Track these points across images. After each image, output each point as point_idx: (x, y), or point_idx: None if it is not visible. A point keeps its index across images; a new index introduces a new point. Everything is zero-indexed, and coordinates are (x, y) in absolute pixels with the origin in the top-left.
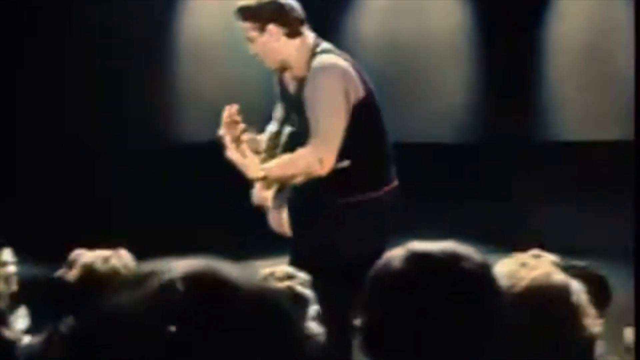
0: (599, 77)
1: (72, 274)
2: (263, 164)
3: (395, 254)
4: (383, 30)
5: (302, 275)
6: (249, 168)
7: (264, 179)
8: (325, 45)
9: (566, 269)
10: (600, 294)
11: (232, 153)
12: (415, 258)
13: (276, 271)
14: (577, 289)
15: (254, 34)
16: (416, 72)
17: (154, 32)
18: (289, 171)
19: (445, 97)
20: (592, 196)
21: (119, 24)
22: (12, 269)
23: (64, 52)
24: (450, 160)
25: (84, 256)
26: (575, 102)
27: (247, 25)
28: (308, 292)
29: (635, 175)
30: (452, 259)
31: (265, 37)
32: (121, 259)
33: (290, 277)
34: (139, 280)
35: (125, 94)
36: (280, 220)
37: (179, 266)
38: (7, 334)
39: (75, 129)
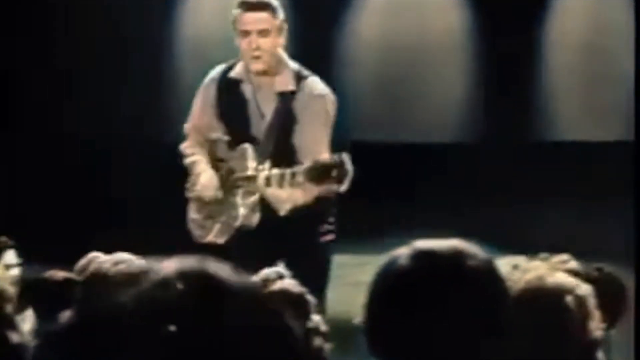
0: (598, 77)
1: (82, 275)
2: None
3: (401, 252)
4: (382, 30)
5: (286, 272)
6: (306, 194)
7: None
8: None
9: (583, 273)
10: (616, 299)
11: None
12: (421, 256)
13: (269, 274)
14: (584, 292)
15: (268, 27)
16: (415, 72)
17: (153, 31)
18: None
19: (443, 97)
20: (590, 196)
21: (118, 22)
22: (15, 271)
23: (62, 52)
24: (449, 159)
25: (96, 259)
26: (575, 101)
27: (264, 16)
28: (302, 288)
29: (635, 175)
30: (457, 256)
31: (281, 38)
32: (130, 263)
33: (281, 276)
34: (132, 278)
35: (124, 93)
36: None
37: (171, 264)
38: (15, 338)
39: (74, 129)
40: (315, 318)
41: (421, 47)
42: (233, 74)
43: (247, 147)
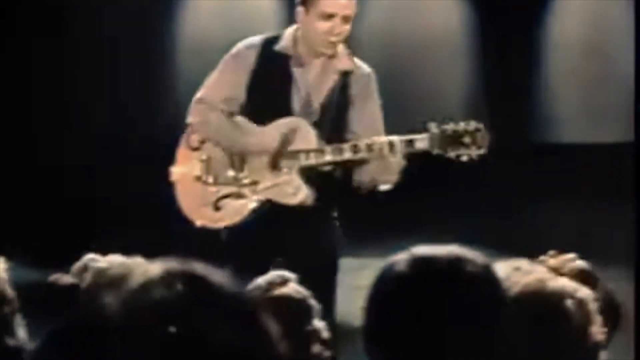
0: (598, 78)
1: (79, 278)
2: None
3: (400, 258)
4: (381, 30)
5: (292, 275)
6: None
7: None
8: None
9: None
10: (610, 311)
11: None
12: (420, 262)
13: (274, 277)
14: (584, 295)
15: (351, 13)
16: (414, 72)
17: (152, 33)
18: None
19: (442, 98)
20: (591, 198)
21: (118, 24)
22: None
23: (61, 54)
24: (449, 161)
25: (92, 262)
26: (575, 103)
27: (351, 2)
28: (306, 292)
29: (635, 177)
30: (456, 262)
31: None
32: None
33: (286, 280)
34: (117, 280)
35: (123, 95)
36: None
37: (156, 266)
38: (11, 342)
39: (73, 131)
40: (317, 324)
41: (421, 47)
42: (279, 47)
43: (301, 121)
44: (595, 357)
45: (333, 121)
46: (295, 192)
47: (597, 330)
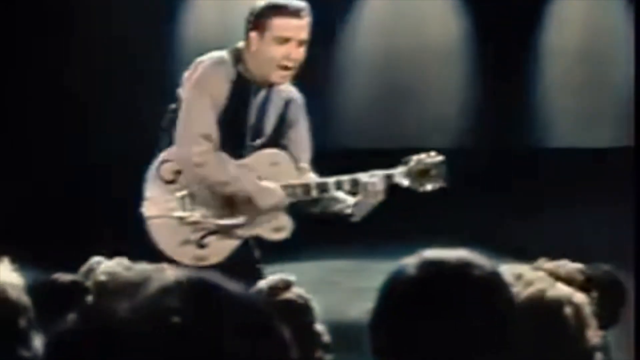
0: (597, 83)
1: (87, 279)
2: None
3: (409, 261)
4: (378, 39)
5: (293, 278)
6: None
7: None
8: None
9: (583, 275)
10: (615, 298)
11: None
12: (428, 265)
13: (277, 281)
14: (579, 301)
15: (306, 37)
16: (412, 78)
17: (154, 34)
18: None
19: (441, 103)
20: (590, 202)
21: (119, 25)
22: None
23: (61, 54)
24: (446, 165)
25: (99, 264)
26: (573, 108)
27: (305, 25)
28: (308, 296)
29: (635, 181)
30: (464, 266)
31: None
32: (134, 269)
33: (288, 284)
34: (133, 286)
35: (124, 95)
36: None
37: (172, 272)
38: (25, 354)
39: (74, 132)
40: (319, 328)
41: (419, 54)
42: (244, 70)
43: (281, 153)
44: (592, 359)
45: (275, 146)
46: (283, 227)
47: (593, 334)
